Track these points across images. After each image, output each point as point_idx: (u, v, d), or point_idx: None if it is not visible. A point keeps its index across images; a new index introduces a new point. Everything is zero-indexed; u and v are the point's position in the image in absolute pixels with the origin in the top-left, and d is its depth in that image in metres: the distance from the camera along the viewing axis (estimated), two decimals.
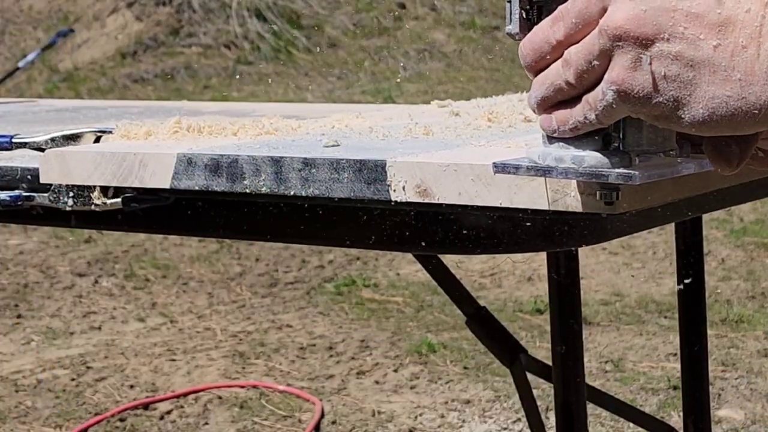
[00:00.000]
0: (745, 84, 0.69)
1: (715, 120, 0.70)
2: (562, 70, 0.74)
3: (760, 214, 5.12)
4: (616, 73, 0.71)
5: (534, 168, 0.77)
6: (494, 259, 4.46)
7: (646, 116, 0.73)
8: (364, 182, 0.90)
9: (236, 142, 1.09)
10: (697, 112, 0.70)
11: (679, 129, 0.72)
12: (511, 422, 3.13)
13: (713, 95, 0.70)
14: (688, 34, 0.69)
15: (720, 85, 0.69)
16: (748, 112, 0.69)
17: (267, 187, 0.95)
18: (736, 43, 0.69)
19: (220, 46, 9.38)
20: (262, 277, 4.61)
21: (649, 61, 0.70)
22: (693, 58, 0.69)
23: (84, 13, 10.03)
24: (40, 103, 2.36)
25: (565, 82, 0.74)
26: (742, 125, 0.70)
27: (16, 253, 5.08)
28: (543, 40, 0.75)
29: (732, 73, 0.69)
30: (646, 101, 0.71)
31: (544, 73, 0.75)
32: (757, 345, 3.64)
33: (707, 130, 0.71)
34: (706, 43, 0.69)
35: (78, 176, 1.06)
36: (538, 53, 0.75)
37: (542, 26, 0.75)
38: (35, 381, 3.57)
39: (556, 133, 0.76)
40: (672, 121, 0.72)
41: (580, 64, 0.72)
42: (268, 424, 3.21)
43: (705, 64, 0.69)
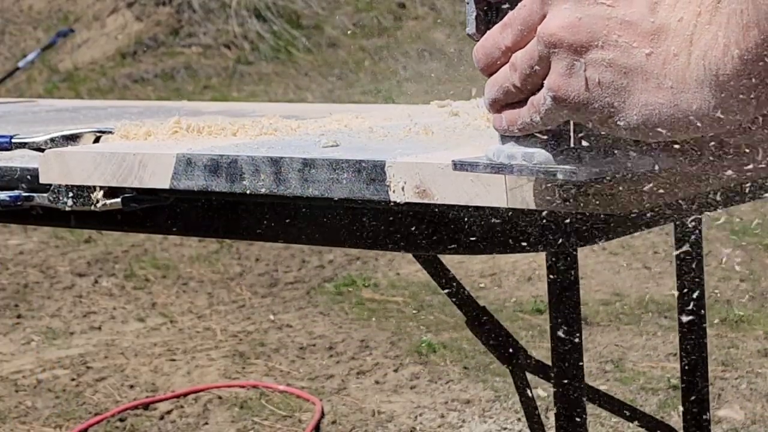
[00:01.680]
0: (676, 91, 0.70)
1: (649, 126, 0.72)
2: (509, 74, 0.76)
3: (760, 214, 5.12)
4: (552, 79, 0.73)
5: (489, 165, 0.80)
6: (494, 259, 4.46)
7: (585, 121, 0.74)
8: (364, 183, 0.90)
9: (236, 142, 1.09)
10: (632, 119, 0.72)
11: (617, 134, 0.74)
12: (511, 422, 3.13)
13: (646, 102, 0.71)
14: (621, 41, 0.70)
15: (653, 92, 0.71)
16: (680, 118, 0.70)
17: (266, 188, 0.95)
18: (668, 52, 0.70)
19: (220, 46, 9.38)
20: (262, 277, 4.61)
21: (583, 67, 0.71)
22: (626, 65, 0.71)
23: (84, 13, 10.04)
24: (40, 103, 2.36)
25: (512, 85, 0.76)
26: (675, 131, 0.71)
27: (16, 253, 5.08)
28: (493, 46, 0.77)
29: (664, 80, 0.70)
30: (582, 107, 0.72)
31: (494, 76, 0.78)
32: (757, 345, 3.64)
33: (642, 136, 0.73)
34: (639, 51, 0.70)
35: (78, 176, 1.06)
36: (490, 58, 0.77)
37: (493, 32, 0.77)
38: (35, 381, 3.57)
39: (507, 132, 0.78)
40: (609, 127, 0.73)
41: (524, 68, 0.75)
42: (268, 424, 3.21)
43: (638, 72, 0.71)
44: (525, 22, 0.75)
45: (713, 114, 0.69)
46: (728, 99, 0.68)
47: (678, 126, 0.71)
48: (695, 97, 0.69)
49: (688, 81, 0.69)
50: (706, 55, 0.68)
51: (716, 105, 0.69)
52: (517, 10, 0.76)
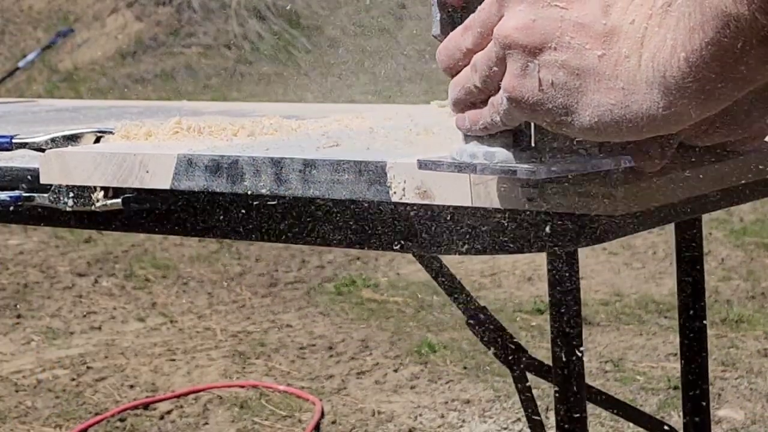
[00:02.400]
0: (627, 93, 0.71)
1: (602, 126, 0.72)
2: (471, 75, 0.77)
3: (760, 214, 5.12)
4: (507, 79, 0.74)
5: (453, 164, 0.81)
6: (494, 259, 4.46)
7: (541, 122, 0.75)
8: (365, 183, 0.90)
9: (236, 142, 1.09)
10: (585, 119, 0.73)
11: (572, 134, 0.75)
12: (511, 422, 3.14)
13: (598, 103, 0.72)
14: (574, 43, 0.71)
15: (605, 93, 0.71)
16: (631, 119, 0.71)
17: (267, 188, 0.95)
18: (619, 53, 0.71)
19: (220, 46, 9.38)
20: (262, 277, 4.61)
21: (537, 68, 0.73)
22: (579, 66, 0.72)
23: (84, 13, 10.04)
24: (40, 103, 2.36)
25: (473, 85, 0.77)
26: (627, 132, 0.72)
27: (16, 253, 5.08)
28: (455, 47, 0.79)
29: (615, 81, 0.71)
30: (537, 107, 0.74)
31: (457, 77, 0.79)
32: (757, 345, 3.64)
33: (596, 136, 0.74)
34: (591, 53, 0.71)
35: (78, 177, 1.06)
36: (452, 59, 0.79)
37: (455, 34, 0.79)
38: (35, 381, 3.57)
39: (470, 131, 0.80)
40: (564, 127, 0.74)
41: (483, 69, 0.76)
42: (268, 424, 3.21)
43: (590, 73, 0.71)
44: (484, 24, 0.76)
45: (662, 114, 0.70)
46: (676, 100, 0.69)
47: (629, 126, 0.72)
48: (645, 98, 0.70)
49: (639, 82, 0.70)
50: (655, 57, 0.69)
51: (665, 106, 0.70)
52: (477, 13, 0.77)
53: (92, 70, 9.27)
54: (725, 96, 0.69)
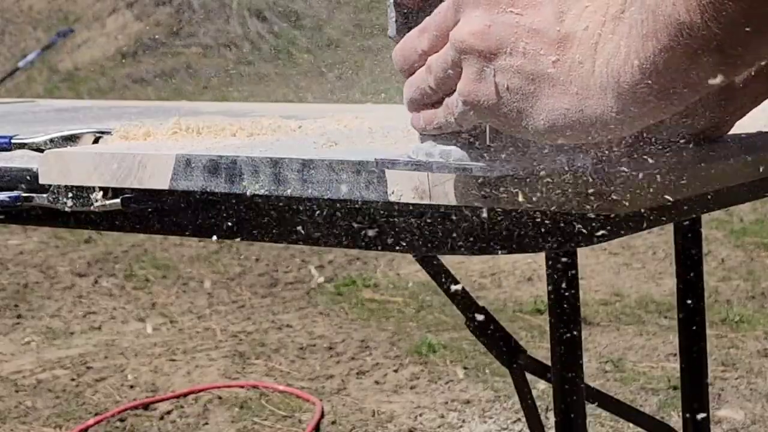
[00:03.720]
0: (581, 97, 0.72)
1: (556, 130, 0.74)
2: (426, 76, 0.78)
3: (760, 214, 5.11)
4: (463, 83, 0.75)
5: (409, 163, 0.82)
6: (494, 259, 4.46)
7: (496, 125, 0.77)
8: (363, 183, 0.90)
9: (235, 143, 1.09)
10: (539, 123, 0.74)
11: (527, 137, 0.76)
12: (511, 422, 3.14)
13: (553, 107, 0.73)
14: (529, 49, 0.72)
15: (559, 98, 0.72)
16: (584, 123, 0.72)
17: (266, 188, 0.95)
18: (573, 59, 0.72)
19: (220, 46, 9.38)
20: (262, 277, 4.61)
21: (492, 73, 0.73)
22: (533, 72, 0.72)
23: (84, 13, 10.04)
24: (40, 103, 2.36)
25: (428, 86, 0.78)
26: (581, 135, 0.73)
27: (16, 253, 5.08)
28: (411, 49, 0.80)
29: (569, 86, 0.72)
30: (492, 111, 0.75)
31: (412, 78, 0.80)
32: (757, 345, 3.64)
33: (551, 139, 0.75)
34: (545, 58, 0.72)
35: (77, 177, 1.06)
36: (408, 60, 0.80)
37: (411, 35, 0.80)
38: (35, 381, 3.57)
39: (425, 131, 0.81)
40: (519, 130, 0.76)
41: (438, 72, 0.77)
42: (268, 424, 3.21)
43: (545, 78, 0.72)
44: (440, 27, 0.77)
45: (615, 119, 0.71)
46: (629, 105, 0.70)
47: (583, 130, 0.73)
48: (599, 103, 0.71)
49: (592, 87, 0.71)
50: (609, 63, 0.70)
51: (618, 110, 0.71)
52: (434, 16, 0.78)
53: (92, 70, 9.27)
54: (677, 101, 0.70)
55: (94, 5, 10.07)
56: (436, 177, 0.86)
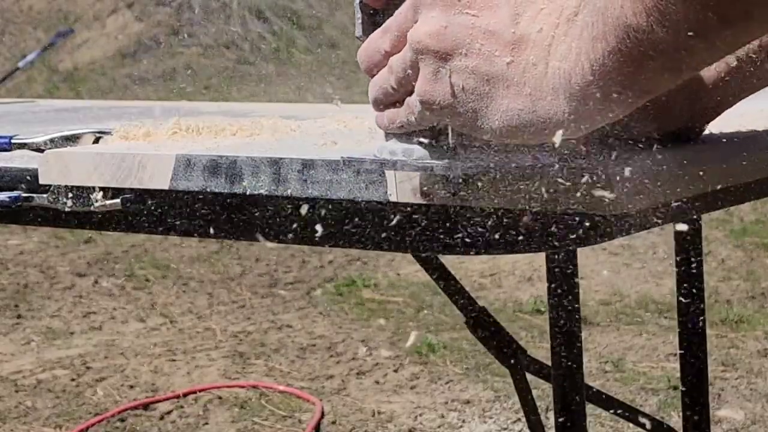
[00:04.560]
0: (534, 98, 0.73)
1: (510, 130, 0.75)
2: (388, 76, 0.80)
3: (760, 214, 5.11)
4: (420, 83, 0.76)
5: (374, 161, 0.84)
6: (494, 259, 4.46)
7: (453, 124, 0.78)
8: (363, 183, 0.90)
9: (235, 143, 1.09)
10: (494, 123, 0.75)
11: (483, 137, 0.77)
12: (511, 422, 3.14)
13: (507, 108, 0.74)
14: (484, 50, 0.73)
15: (513, 98, 0.73)
16: (538, 124, 0.73)
17: (266, 188, 0.95)
18: (527, 61, 0.73)
19: (220, 46, 9.38)
20: (262, 277, 4.61)
21: (448, 73, 0.75)
22: (488, 72, 0.74)
23: (84, 13, 10.04)
24: (40, 103, 2.36)
25: (390, 86, 0.79)
26: (535, 135, 0.75)
27: (16, 253, 5.08)
28: (374, 49, 0.81)
29: (523, 88, 0.73)
30: (448, 111, 0.76)
31: (375, 78, 0.81)
32: (757, 345, 3.64)
33: (506, 139, 0.76)
34: (500, 60, 0.73)
35: (77, 177, 1.06)
36: (371, 60, 0.81)
37: (374, 36, 0.81)
38: (35, 381, 3.57)
39: (388, 130, 0.83)
40: (475, 130, 0.77)
41: (398, 72, 0.78)
42: (268, 424, 3.21)
43: (499, 79, 0.73)
44: (400, 27, 0.78)
45: (568, 119, 0.72)
46: (580, 106, 0.71)
47: (537, 131, 0.74)
48: (552, 104, 0.72)
49: (545, 89, 0.72)
50: (561, 65, 0.71)
51: (570, 111, 0.72)
52: (395, 16, 0.79)
53: (92, 70, 9.27)
54: (627, 103, 0.71)
55: (94, 5, 10.07)
56: (401, 175, 0.87)
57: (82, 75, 9.19)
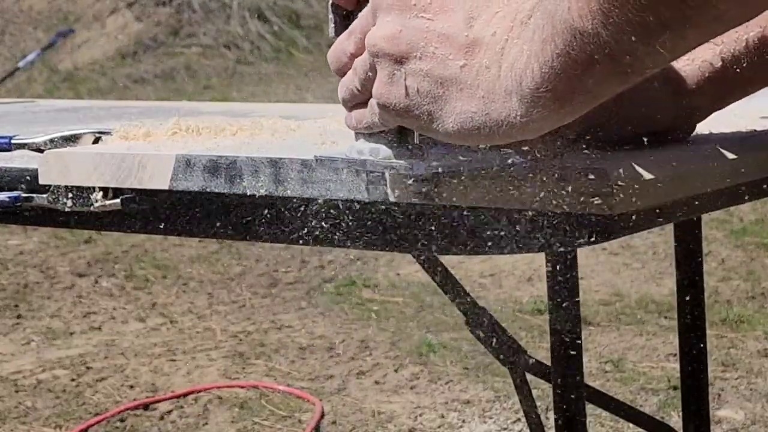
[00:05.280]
0: (488, 101, 0.73)
1: (465, 132, 0.76)
2: (353, 78, 0.81)
3: (760, 214, 5.11)
4: (376, 86, 0.78)
5: (344, 160, 0.86)
6: (494, 259, 4.46)
7: (411, 126, 0.79)
8: (363, 183, 0.90)
9: (235, 142, 1.09)
10: (448, 125, 0.76)
11: (440, 138, 0.78)
12: (511, 422, 3.14)
13: (461, 110, 0.75)
14: (438, 53, 0.75)
15: (466, 101, 0.74)
16: (492, 126, 0.74)
17: (266, 188, 0.95)
18: (480, 64, 0.74)
19: (220, 46, 9.38)
20: (262, 277, 4.61)
21: (403, 76, 0.76)
22: (442, 75, 0.75)
23: (84, 13, 10.04)
24: (40, 103, 2.36)
25: (355, 88, 0.81)
26: (489, 137, 0.75)
27: (16, 253, 5.08)
28: (341, 51, 0.83)
29: (477, 90, 0.74)
30: (404, 113, 0.77)
31: (343, 79, 0.83)
32: (757, 345, 3.64)
33: (460, 141, 0.77)
34: (454, 63, 0.74)
35: (77, 177, 1.06)
36: (339, 62, 0.83)
37: (341, 38, 0.83)
38: (35, 381, 3.57)
39: (356, 130, 0.84)
40: (430, 132, 0.78)
41: (361, 74, 0.80)
42: (268, 424, 3.21)
43: (453, 82, 0.74)
44: (362, 30, 0.79)
45: (521, 122, 0.73)
46: (532, 109, 0.72)
47: (490, 133, 0.75)
48: (504, 106, 0.73)
49: (498, 91, 0.73)
50: (513, 67, 0.72)
51: (522, 114, 0.72)
52: (358, 19, 0.81)
53: (92, 70, 9.27)
54: (578, 106, 0.72)
55: (94, 5, 10.07)
56: (371, 174, 0.88)
57: (82, 75, 9.19)
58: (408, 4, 0.75)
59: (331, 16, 0.87)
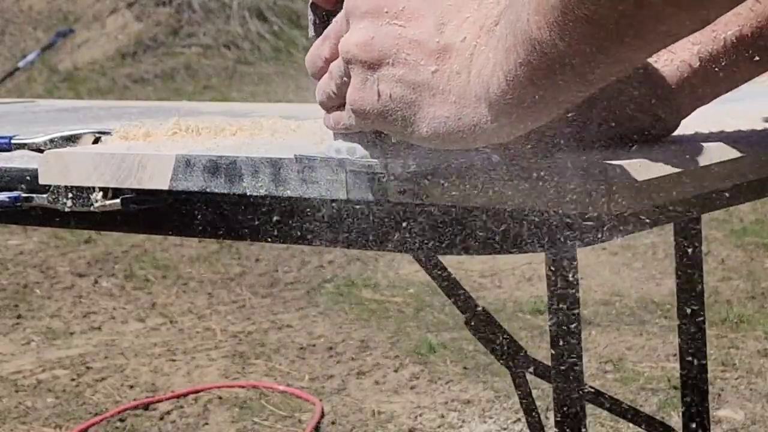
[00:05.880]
0: (459, 106, 0.74)
1: (438, 137, 0.77)
2: (329, 81, 0.82)
3: (760, 214, 5.11)
4: (350, 91, 0.79)
5: (323, 159, 0.87)
6: (494, 259, 4.46)
7: (385, 131, 0.80)
8: (363, 183, 0.90)
9: (235, 143, 1.09)
10: (422, 130, 0.77)
11: (415, 143, 0.79)
12: (511, 422, 3.14)
13: (434, 115, 0.76)
14: (410, 59, 0.75)
15: (439, 106, 0.75)
16: (464, 131, 0.75)
17: (265, 188, 0.95)
18: (451, 69, 0.74)
19: (220, 46, 9.38)
20: (262, 277, 4.61)
21: (376, 82, 0.77)
22: (414, 81, 0.75)
23: (84, 13, 10.04)
24: (40, 103, 2.35)
25: (331, 91, 0.82)
26: (462, 142, 0.76)
27: (16, 253, 5.08)
28: (317, 56, 0.84)
29: (448, 96, 0.75)
30: (378, 119, 0.78)
31: (320, 82, 0.84)
32: (757, 345, 3.64)
33: (435, 145, 0.78)
34: (425, 68, 0.75)
35: (77, 177, 1.06)
36: (315, 65, 0.84)
37: (317, 43, 0.84)
38: (35, 381, 3.57)
39: (334, 130, 0.85)
40: (405, 136, 0.79)
41: (337, 78, 0.81)
42: (268, 424, 3.21)
43: (425, 88, 0.75)
44: (336, 36, 0.81)
45: (491, 127, 0.74)
46: (500, 114, 0.72)
47: (462, 137, 0.76)
48: (475, 111, 0.74)
49: (468, 97, 0.74)
50: (481, 74, 0.72)
51: (492, 119, 0.73)
52: (333, 24, 0.82)
53: (92, 70, 9.27)
54: (545, 111, 0.72)
55: (94, 5, 10.07)
56: (350, 173, 0.89)
57: (82, 75, 9.19)
58: (380, 11, 0.76)
59: (310, 17, 0.87)
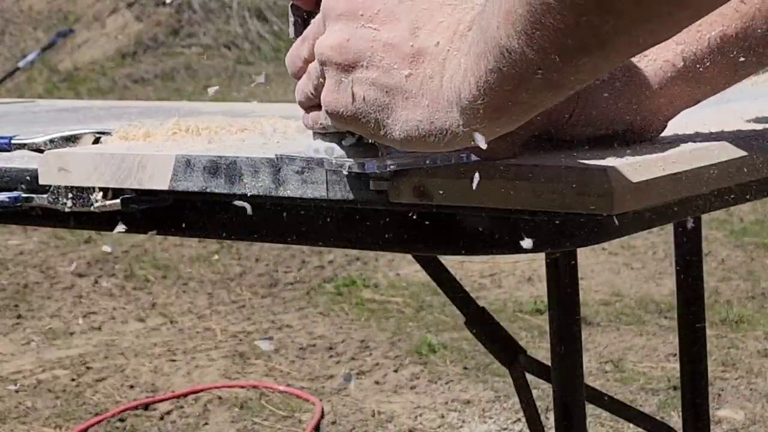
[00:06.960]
0: (432, 110, 0.75)
1: (411, 140, 0.77)
2: (307, 82, 0.83)
3: (760, 214, 5.11)
4: (324, 93, 0.79)
5: (303, 159, 0.88)
6: (494, 259, 4.46)
7: (359, 133, 0.81)
8: (363, 183, 0.90)
9: (235, 143, 1.09)
10: (395, 133, 0.77)
11: (389, 145, 0.80)
12: (511, 422, 3.14)
13: (407, 119, 0.76)
14: (384, 63, 0.76)
15: (412, 110, 0.76)
16: (436, 134, 0.75)
17: (266, 189, 0.95)
18: (424, 74, 0.75)
19: (220, 46, 9.38)
20: (262, 277, 4.61)
21: (350, 84, 0.77)
22: (387, 84, 0.76)
23: (84, 13, 10.04)
24: (40, 103, 2.35)
25: (310, 92, 0.83)
26: (435, 145, 0.77)
27: (16, 253, 5.08)
28: (296, 56, 0.85)
29: (421, 99, 0.75)
30: (352, 121, 0.79)
31: (299, 82, 0.85)
32: (757, 345, 3.64)
33: (408, 148, 0.79)
34: (399, 72, 0.76)
35: (77, 177, 1.06)
36: (295, 66, 0.85)
37: (296, 44, 0.85)
38: (35, 381, 3.57)
39: (313, 130, 0.86)
40: (378, 138, 0.79)
41: (314, 79, 0.81)
42: (268, 424, 3.21)
43: (399, 91, 0.76)
44: (314, 37, 0.81)
45: (463, 131, 0.74)
46: (472, 119, 0.73)
47: (435, 141, 0.76)
48: (447, 115, 0.74)
49: (441, 101, 0.74)
50: (453, 79, 0.73)
51: (464, 124, 0.74)
52: (311, 25, 0.83)
53: (92, 70, 9.27)
54: (517, 116, 0.73)
55: (94, 5, 10.07)
56: (330, 173, 0.89)
57: (82, 75, 9.19)
58: (355, 14, 0.76)
59: (291, 18, 0.88)
